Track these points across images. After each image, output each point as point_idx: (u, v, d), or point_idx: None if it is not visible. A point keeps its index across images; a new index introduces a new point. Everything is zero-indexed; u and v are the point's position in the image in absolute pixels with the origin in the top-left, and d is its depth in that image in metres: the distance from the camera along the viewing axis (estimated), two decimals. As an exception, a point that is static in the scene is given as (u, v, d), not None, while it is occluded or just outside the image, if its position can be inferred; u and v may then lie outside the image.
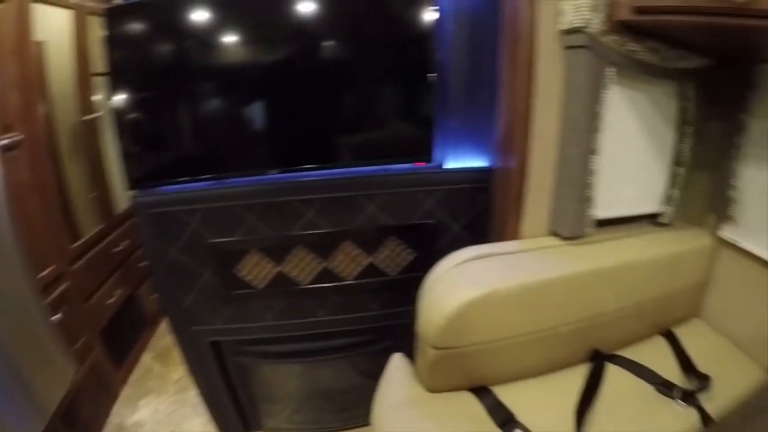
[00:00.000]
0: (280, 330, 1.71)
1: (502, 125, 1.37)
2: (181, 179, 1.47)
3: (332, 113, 1.55)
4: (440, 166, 1.63)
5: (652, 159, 1.52)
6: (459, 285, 1.19)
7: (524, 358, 1.32)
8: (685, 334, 1.55)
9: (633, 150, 1.47)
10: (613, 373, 1.37)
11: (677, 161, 1.54)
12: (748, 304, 1.51)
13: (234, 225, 1.50)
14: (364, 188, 1.54)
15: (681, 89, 1.46)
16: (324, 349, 1.80)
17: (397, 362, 1.41)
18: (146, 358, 2.68)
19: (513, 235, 1.41)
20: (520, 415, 1.20)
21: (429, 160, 1.58)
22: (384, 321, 1.77)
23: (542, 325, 1.28)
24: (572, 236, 1.39)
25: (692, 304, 1.65)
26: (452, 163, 1.64)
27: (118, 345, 2.43)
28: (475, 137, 1.62)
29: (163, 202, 1.45)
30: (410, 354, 1.38)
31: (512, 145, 1.32)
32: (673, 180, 1.56)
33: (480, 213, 1.61)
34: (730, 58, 1.39)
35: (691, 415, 1.26)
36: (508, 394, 1.27)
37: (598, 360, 1.39)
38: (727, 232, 1.52)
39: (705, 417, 1.25)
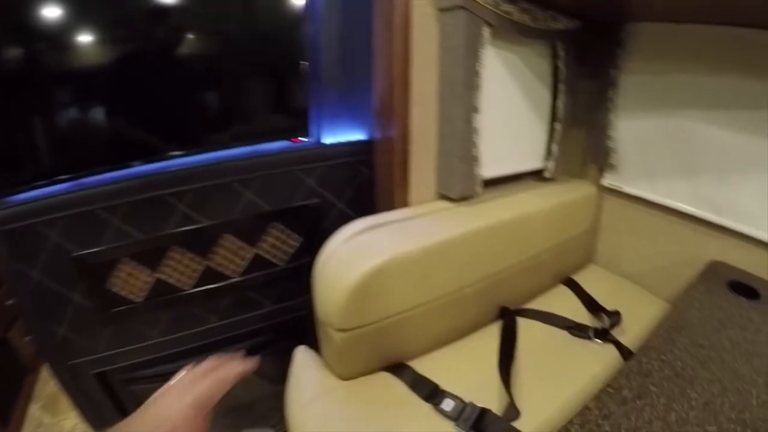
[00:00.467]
0: (171, 346, 1.48)
1: (380, 92, 1.26)
2: (35, 184, 1.20)
3: (199, 95, 1.35)
4: (318, 141, 1.50)
5: (532, 117, 1.50)
6: (354, 258, 1.06)
7: (435, 325, 1.21)
8: (585, 279, 1.55)
9: (513, 109, 1.43)
10: (525, 326, 1.32)
11: (554, 118, 1.54)
12: (635, 243, 1.55)
13: (98, 232, 1.26)
14: (238, 173, 1.35)
15: (553, 50, 1.46)
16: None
17: (301, 356, 1.25)
18: (34, 410, 2.31)
19: (402, 203, 1.30)
20: (445, 384, 1.09)
21: (306, 136, 1.44)
22: (281, 316, 1.60)
23: (447, 288, 1.19)
24: (462, 197, 1.31)
25: (586, 250, 1.66)
26: (331, 138, 1.51)
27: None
28: (353, 110, 1.50)
29: (16, 215, 1.17)
30: (315, 346, 1.23)
31: (392, 111, 1.22)
32: (553, 136, 1.55)
33: (365, 187, 1.49)
34: (598, 20, 1.41)
35: (609, 350, 1.25)
36: (427, 367, 1.16)
37: (508, 316, 1.33)
38: (609, 180, 1.56)
39: (622, 349, 1.24)
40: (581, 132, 1.59)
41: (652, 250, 1.51)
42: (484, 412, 1.01)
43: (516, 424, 1.01)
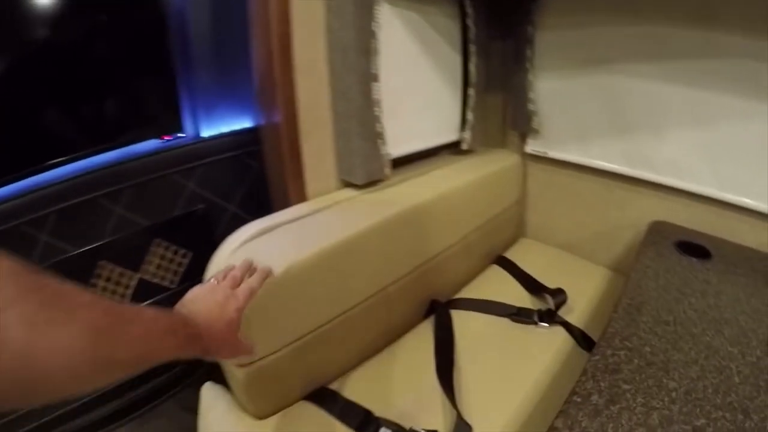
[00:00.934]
0: (64, 404, 1.15)
1: (259, 64, 1.00)
2: None
3: (44, 95, 1.04)
4: (196, 136, 1.22)
5: (442, 84, 1.29)
6: (244, 273, 0.80)
7: (358, 337, 0.98)
8: (518, 256, 1.37)
9: (419, 76, 1.21)
10: (461, 319, 1.10)
11: (467, 83, 1.34)
12: (567, 211, 1.40)
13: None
14: (103, 185, 1.07)
15: (461, 7, 1.26)
16: (128, 406, 1.28)
17: (209, 395, 0.98)
18: None
19: (299, 197, 1.04)
20: (379, 409, 0.86)
21: (180, 131, 1.16)
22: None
23: (365, 291, 0.95)
24: (368, 182, 1.07)
25: (516, 224, 1.49)
26: (211, 130, 1.24)
27: None
28: (234, 94, 1.23)
29: None
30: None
31: (273, 86, 0.96)
32: (467, 103, 1.35)
33: (258, 183, 1.24)
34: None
35: (559, 333, 1.07)
36: (355, 388, 0.93)
37: (440, 310, 1.11)
38: (533, 146, 1.39)
39: (572, 330, 1.07)
40: (498, 97, 1.42)
41: (587, 217, 1.36)
42: (429, 437, 0.79)
43: (469, 441, 0.80)
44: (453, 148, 1.38)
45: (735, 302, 0.87)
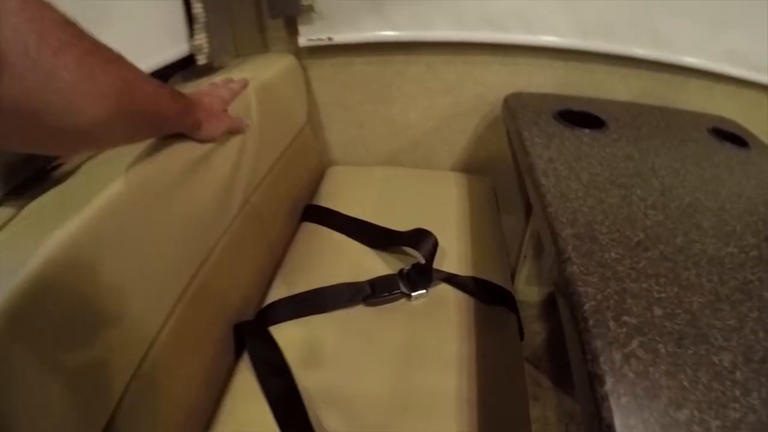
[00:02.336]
0: None
1: None
2: None
3: None
4: None
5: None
6: None
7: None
8: (333, 197, 0.99)
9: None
10: (292, 340, 0.66)
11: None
12: (376, 112, 1.09)
13: None
14: None
15: None
16: None
17: None
18: None
19: None
20: None
21: None
22: None
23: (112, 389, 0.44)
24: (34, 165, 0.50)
25: (313, 154, 1.10)
26: None
27: None
28: None
29: None
30: None
31: None
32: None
33: None
34: None
35: (446, 295, 0.75)
36: None
37: (254, 338, 0.66)
38: (308, 35, 0.97)
39: (462, 283, 0.76)
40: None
41: (409, 113, 1.05)
42: None
43: None
44: (187, 69, 0.87)
45: (675, 175, 0.68)
